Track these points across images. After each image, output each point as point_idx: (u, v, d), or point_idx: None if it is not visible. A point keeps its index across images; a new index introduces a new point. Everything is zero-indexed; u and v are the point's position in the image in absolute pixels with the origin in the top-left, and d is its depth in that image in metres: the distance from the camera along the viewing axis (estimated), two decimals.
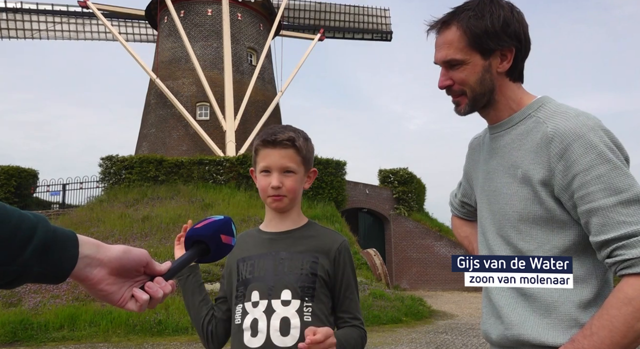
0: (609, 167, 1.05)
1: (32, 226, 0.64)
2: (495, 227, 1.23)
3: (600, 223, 1.04)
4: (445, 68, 1.21)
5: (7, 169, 17.59)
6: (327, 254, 1.44)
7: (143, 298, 0.73)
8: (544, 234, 1.14)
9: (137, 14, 22.56)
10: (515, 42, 1.18)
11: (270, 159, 1.40)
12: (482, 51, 1.17)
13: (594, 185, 1.05)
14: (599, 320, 1.02)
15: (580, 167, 1.06)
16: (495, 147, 1.26)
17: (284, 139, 1.39)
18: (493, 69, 1.19)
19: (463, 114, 1.24)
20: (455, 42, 1.17)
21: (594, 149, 1.06)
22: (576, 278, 1.11)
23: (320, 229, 1.51)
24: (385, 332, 8.71)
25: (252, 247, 1.46)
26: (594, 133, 1.08)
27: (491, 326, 1.23)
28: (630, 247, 1.00)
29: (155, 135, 20.15)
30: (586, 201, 1.06)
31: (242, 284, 1.42)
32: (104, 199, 15.12)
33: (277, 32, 22.65)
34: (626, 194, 1.03)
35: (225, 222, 0.87)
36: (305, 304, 1.37)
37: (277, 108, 21.88)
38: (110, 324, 8.16)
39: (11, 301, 8.86)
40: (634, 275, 1.00)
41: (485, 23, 1.15)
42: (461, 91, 1.20)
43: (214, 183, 15.57)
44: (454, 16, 1.19)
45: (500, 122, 1.24)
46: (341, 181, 16.79)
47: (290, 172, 1.41)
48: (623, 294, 1.00)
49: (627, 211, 1.02)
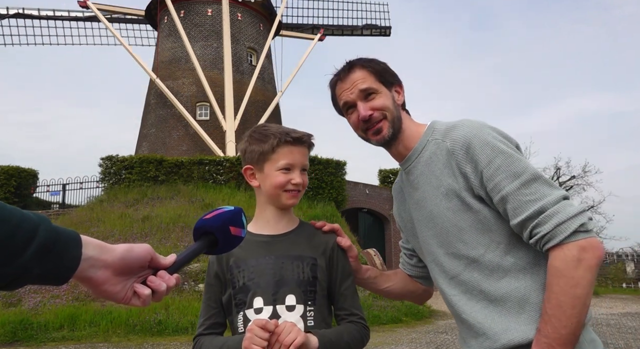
0: (504, 157, 1.17)
1: (33, 226, 0.63)
2: (444, 249, 1.29)
3: (512, 208, 1.15)
4: (361, 101, 1.33)
5: (7, 169, 17.59)
6: (324, 253, 1.42)
7: (145, 293, 0.72)
8: (485, 236, 1.21)
9: (137, 14, 22.55)
10: (400, 81, 1.40)
11: (294, 157, 1.39)
12: (386, 84, 1.36)
13: (497, 175, 1.16)
14: (548, 301, 1.09)
15: (483, 164, 1.18)
16: (413, 178, 1.37)
17: (306, 138, 1.42)
18: (395, 100, 1.36)
19: (388, 137, 1.34)
20: (367, 77, 1.34)
21: (487, 144, 1.19)
22: (530, 265, 1.19)
23: (313, 229, 1.48)
24: (385, 332, 8.71)
25: (246, 252, 1.40)
26: (483, 132, 1.21)
27: (477, 344, 1.25)
28: (543, 223, 1.11)
29: (155, 135, 20.15)
30: (496, 191, 1.17)
31: (240, 291, 1.36)
32: (104, 199, 15.11)
33: (277, 32, 22.65)
34: (525, 176, 1.15)
35: (235, 213, 0.84)
36: (308, 308, 1.35)
37: (277, 108, 21.88)
38: (110, 324, 8.16)
39: (11, 301, 8.86)
40: (555, 247, 1.10)
41: (378, 65, 1.37)
42: (382, 115, 1.33)
43: (214, 183, 15.56)
44: (352, 64, 1.37)
45: (408, 155, 1.37)
46: (341, 181, 16.77)
47: (305, 170, 1.44)
48: (554, 269, 1.09)
49: (530, 190, 1.14)
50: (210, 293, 1.44)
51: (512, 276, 1.19)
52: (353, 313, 1.41)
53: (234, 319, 1.38)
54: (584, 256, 1.07)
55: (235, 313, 1.38)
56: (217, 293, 1.43)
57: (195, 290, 9.49)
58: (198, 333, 1.43)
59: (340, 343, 1.30)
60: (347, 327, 1.37)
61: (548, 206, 1.11)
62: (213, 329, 1.41)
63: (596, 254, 1.08)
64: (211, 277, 1.44)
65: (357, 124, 1.37)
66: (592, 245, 1.08)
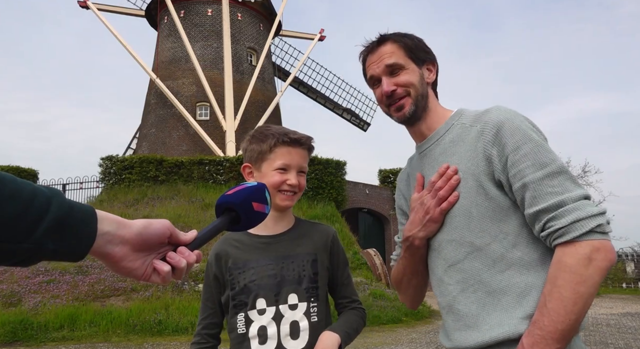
0: (533, 145, 1.14)
1: (45, 201, 0.60)
2: (447, 235, 1.25)
3: (531, 196, 1.12)
4: (386, 76, 1.31)
5: (7, 169, 17.59)
6: (324, 247, 1.46)
7: (165, 270, 0.70)
8: (495, 225, 1.18)
9: (137, 14, 22.55)
10: (434, 59, 1.37)
11: (291, 157, 1.41)
12: (416, 61, 1.32)
13: (523, 162, 1.13)
14: (550, 295, 1.07)
15: (510, 148, 1.15)
16: (429, 160, 1.33)
17: (305, 140, 1.44)
18: (424, 78, 1.33)
19: (409, 115, 1.31)
20: (396, 51, 1.32)
21: (519, 130, 1.16)
22: (536, 262, 1.16)
23: (310, 225, 1.52)
24: (385, 332, 8.71)
25: (246, 253, 1.42)
26: (517, 118, 1.19)
27: (462, 337, 1.21)
28: (560, 217, 1.08)
29: (155, 135, 20.15)
30: (518, 178, 1.14)
31: (241, 292, 1.38)
32: (104, 199, 15.11)
33: (277, 32, 22.65)
34: (551, 168, 1.12)
35: (258, 188, 0.82)
36: (311, 305, 1.38)
37: (277, 108, 21.88)
38: (110, 324, 8.16)
39: (11, 301, 8.85)
40: (567, 243, 1.07)
41: (413, 40, 1.34)
42: (405, 91, 1.30)
43: (214, 183, 15.56)
44: (385, 37, 1.34)
45: (429, 136, 1.34)
46: (341, 181, 16.78)
47: (303, 172, 1.45)
48: (563, 264, 1.06)
49: (553, 182, 1.11)
50: (209, 293, 1.47)
51: (516, 270, 1.15)
52: (353, 299, 1.51)
53: (233, 319, 1.40)
54: (596, 256, 1.04)
55: (234, 314, 1.39)
56: (215, 294, 1.46)
57: (195, 290, 9.49)
58: (196, 332, 1.48)
59: (353, 334, 1.42)
60: (353, 315, 1.48)
61: (568, 201, 1.08)
62: (210, 329, 1.46)
63: (608, 257, 1.05)
64: (210, 278, 1.47)
65: (381, 99, 1.34)
66: (606, 248, 1.05)
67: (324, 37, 24.02)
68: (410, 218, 1.33)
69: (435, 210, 1.25)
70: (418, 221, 1.29)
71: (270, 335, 1.33)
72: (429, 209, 1.26)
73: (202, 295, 1.50)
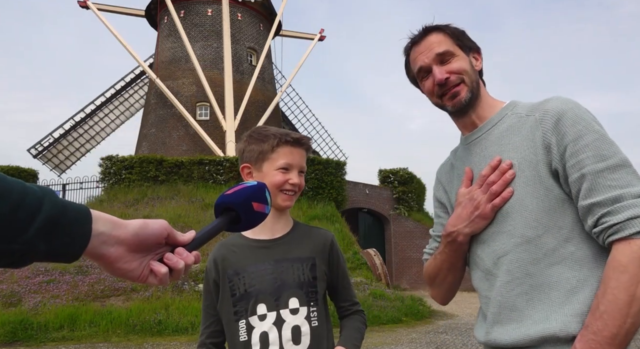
0: (595, 136, 1.09)
1: (37, 200, 0.58)
2: (497, 227, 1.19)
3: (587, 187, 1.06)
4: (436, 65, 1.26)
5: (7, 169, 17.58)
6: (322, 252, 1.45)
7: (162, 271, 0.68)
8: (549, 217, 1.12)
9: (137, 14, 22.55)
10: (479, 48, 1.32)
11: (293, 157, 1.42)
12: (464, 48, 1.28)
13: (583, 153, 1.08)
14: (603, 296, 1.00)
15: (570, 137, 1.10)
16: (479, 150, 1.27)
17: (305, 140, 1.45)
18: (473, 65, 1.29)
19: (465, 102, 1.25)
20: (444, 40, 1.28)
21: (581, 120, 1.11)
22: (589, 258, 1.09)
23: (308, 229, 1.51)
24: (385, 332, 8.71)
25: (244, 258, 1.41)
26: (578, 108, 1.14)
27: (502, 331, 1.14)
28: (616, 212, 1.01)
29: (155, 135, 20.15)
30: (577, 169, 1.08)
31: (241, 298, 1.37)
32: (104, 199, 15.10)
33: (277, 32, 22.65)
34: (612, 160, 1.06)
35: (259, 188, 0.80)
36: (311, 309, 1.37)
37: (277, 108, 21.89)
38: (110, 324, 8.16)
39: (11, 301, 8.85)
40: (622, 240, 1.00)
41: (456, 29, 1.31)
42: (459, 79, 1.25)
43: (214, 183, 15.55)
44: (430, 28, 1.31)
45: (480, 125, 1.29)
46: (341, 181, 16.77)
47: (303, 172, 1.46)
48: (617, 263, 0.99)
49: (613, 176, 1.05)
50: (209, 300, 1.45)
51: (566, 265, 1.09)
52: (354, 302, 1.53)
53: (234, 326, 1.37)
54: None
55: (235, 321, 1.37)
56: (216, 301, 1.44)
57: (195, 290, 9.48)
58: (200, 342, 1.45)
59: (360, 343, 1.44)
60: (357, 322, 1.50)
61: (627, 196, 1.01)
62: (214, 337, 1.44)
63: None
64: (209, 284, 1.45)
65: (431, 90, 1.28)
66: None
67: (324, 37, 24.03)
68: (456, 212, 1.27)
69: (487, 206, 1.18)
70: (465, 217, 1.23)
71: (272, 341, 1.32)
72: (479, 205, 1.20)
73: (202, 302, 1.48)
